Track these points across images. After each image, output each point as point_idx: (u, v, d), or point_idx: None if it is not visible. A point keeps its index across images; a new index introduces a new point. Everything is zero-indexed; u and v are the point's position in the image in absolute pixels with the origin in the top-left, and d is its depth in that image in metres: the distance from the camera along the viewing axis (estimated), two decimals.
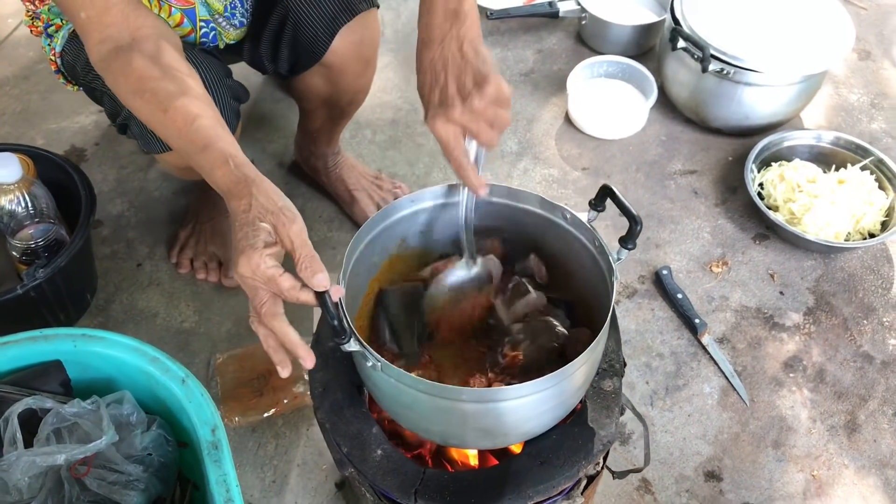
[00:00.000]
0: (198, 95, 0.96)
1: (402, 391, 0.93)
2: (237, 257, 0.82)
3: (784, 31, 1.79)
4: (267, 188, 0.86)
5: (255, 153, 1.85)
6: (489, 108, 0.92)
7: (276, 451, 1.40)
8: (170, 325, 1.55)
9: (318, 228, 1.71)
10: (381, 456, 1.02)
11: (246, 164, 0.89)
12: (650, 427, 1.44)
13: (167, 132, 0.95)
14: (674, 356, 1.53)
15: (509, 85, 0.96)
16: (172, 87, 0.95)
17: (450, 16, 0.97)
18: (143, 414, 1.20)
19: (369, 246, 1.06)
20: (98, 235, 1.68)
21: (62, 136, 1.87)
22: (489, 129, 0.94)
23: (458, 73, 0.95)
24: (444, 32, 0.96)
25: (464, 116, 0.93)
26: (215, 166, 0.88)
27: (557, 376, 0.90)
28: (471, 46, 0.96)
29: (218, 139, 0.90)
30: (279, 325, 0.86)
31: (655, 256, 1.68)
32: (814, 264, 1.68)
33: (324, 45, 1.34)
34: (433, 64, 0.97)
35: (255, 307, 0.86)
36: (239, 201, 0.85)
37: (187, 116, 0.92)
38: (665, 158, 1.88)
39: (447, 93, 0.94)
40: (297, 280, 0.83)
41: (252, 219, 0.83)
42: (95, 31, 0.99)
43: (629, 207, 0.96)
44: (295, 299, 0.83)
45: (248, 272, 0.82)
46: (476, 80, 0.93)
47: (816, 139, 1.80)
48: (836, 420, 1.45)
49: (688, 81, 1.84)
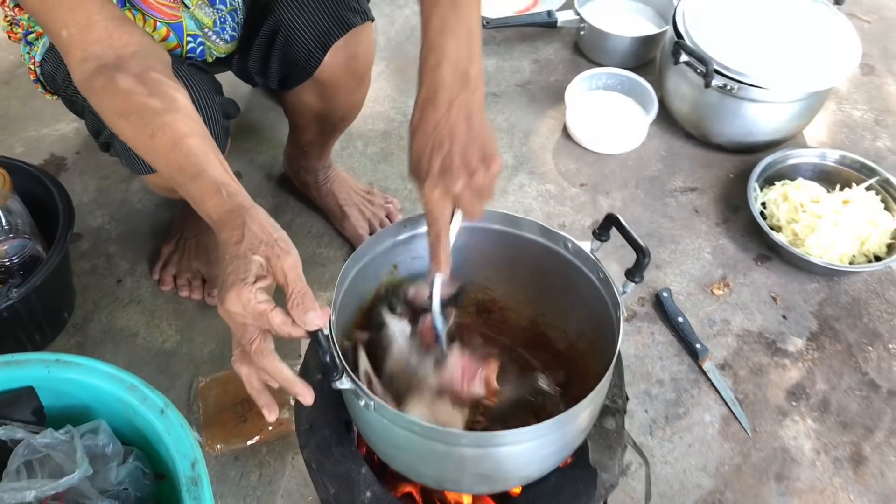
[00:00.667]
0: (186, 112, 0.91)
1: (396, 433, 0.88)
2: (226, 292, 0.77)
3: (788, 45, 1.74)
4: (261, 218, 0.82)
5: (242, 165, 1.79)
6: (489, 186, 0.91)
7: (259, 480, 1.34)
8: (150, 346, 1.49)
9: (306, 244, 1.65)
10: (369, 498, 0.97)
11: (239, 192, 0.85)
12: (649, 458, 1.39)
13: (154, 157, 0.90)
14: (674, 383, 1.48)
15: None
16: (159, 104, 0.90)
17: (459, 79, 0.92)
18: (120, 445, 1.14)
19: (360, 273, 1.00)
20: (77, 250, 1.62)
21: (42, 144, 1.80)
22: (482, 204, 0.93)
23: (465, 144, 0.90)
24: (453, 97, 0.91)
25: (464, 192, 0.90)
26: (206, 196, 0.84)
27: (561, 420, 0.86)
28: (479, 121, 0.91)
29: (209, 165, 0.86)
30: (271, 363, 0.81)
31: (655, 277, 1.63)
32: (817, 287, 1.63)
33: (316, 61, 1.28)
34: (438, 129, 0.91)
35: (242, 345, 0.81)
36: (231, 232, 0.80)
37: (175, 137, 0.87)
38: (665, 175, 1.83)
39: (451, 164, 0.90)
40: (289, 316, 0.78)
41: (244, 251, 0.78)
42: (78, 50, 0.93)
43: (636, 238, 0.91)
44: (287, 335, 0.79)
45: (237, 308, 0.77)
46: (483, 157, 0.90)
47: (821, 157, 1.75)
48: (841, 452, 1.41)
49: (689, 96, 1.79)
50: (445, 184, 0.90)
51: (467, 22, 0.93)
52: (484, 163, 0.90)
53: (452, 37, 0.92)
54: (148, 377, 1.42)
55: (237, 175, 1.68)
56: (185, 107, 0.92)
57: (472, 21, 0.93)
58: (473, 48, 0.93)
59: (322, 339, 0.80)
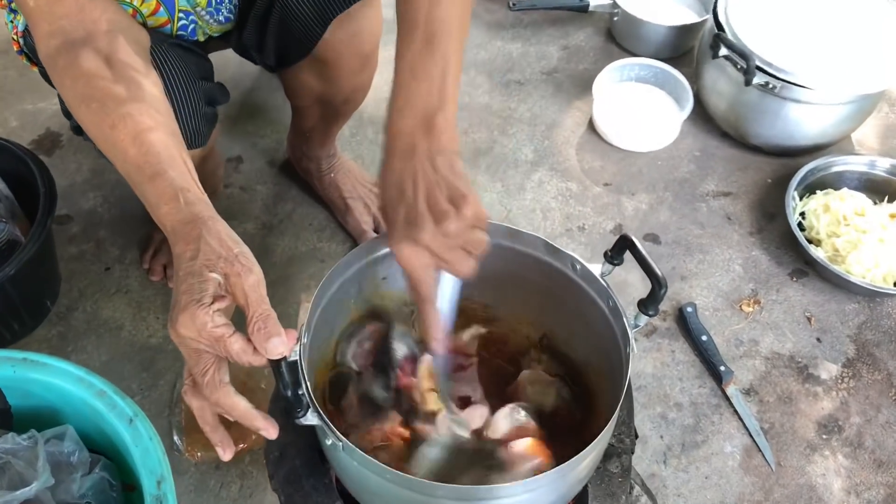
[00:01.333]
0: (153, 104, 0.82)
1: (367, 476, 0.78)
2: (178, 314, 0.68)
3: (838, 42, 1.60)
4: (220, 230, 0.72)
5: (244, 148, 1.69)
6: (465, 232, 0.76)
7: (239, 493, 1.26)
8: (135, 340, 1.40)
9: (307, 237, 1.55)
10: None
11: (199, 200, 0.75)
12: (662, 488, 1.28)
13: (112, 152, 0.80)
14: (693, 407, 1.37)
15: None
16: (124, 91, 0.81)
17: (423, 126, 0.80)
18: (87, 453, 1.07)
19: (342, 288, 0.90)
20: (66, 233, 1.54)
21: (38, 119, 1.72)
22: (465, 256, 0.78)
23: (430, 189, 0.78)
24: (415, 144, 0.80)
25: (435, 241, 0.76)
26: (162, 201, 0.75)
27: (557, 473, 0.76)
28: (446, 162, 0.79)
29: (170, 166, 0.76)
30: (225, 397, 0.72)
31: (680, 290, 1.51)
32: (857, 308, 1.50)
33: (315, 37, 1.17)
34: (400, 177, 0.79)
35: (194, 374, 0.72)
36: (186, 246, 0.71)
37: (137, 131, 0.78)
38: (697, 177, 1.70)
39: (416, 212, 0.77)
40: (250, 342, 0.69)
41: (199, 268, 0.69)
42: (45, 22, 0.84)
43: (653, 266, 0.80)
44: (246, 363, 0.70)
45: (191, 332, 0.68)
46: (452, 199, 0.77)
47: (869, 166, 1.61)
48: (874, 494, 1.28)
49: (728, 93, 1.66)
50: (412, 235, 0.77)
51: (442, 60, 0.82)
52: (454, 204, 0.76)
53: (423, 80, 0.82)
54: (130, 374, 1.36)
55: (238, 159, 1.60)
56: (152, 96, 0.83)
57: (447, 58, 0.82)
58: (446, 89, 0.82)
59: (285, 369, 0.71)
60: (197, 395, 0.73)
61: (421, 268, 0.78)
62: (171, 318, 0.70)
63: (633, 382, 1.38)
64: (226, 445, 0.76)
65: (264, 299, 0.70)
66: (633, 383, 1.37)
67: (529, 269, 0.93)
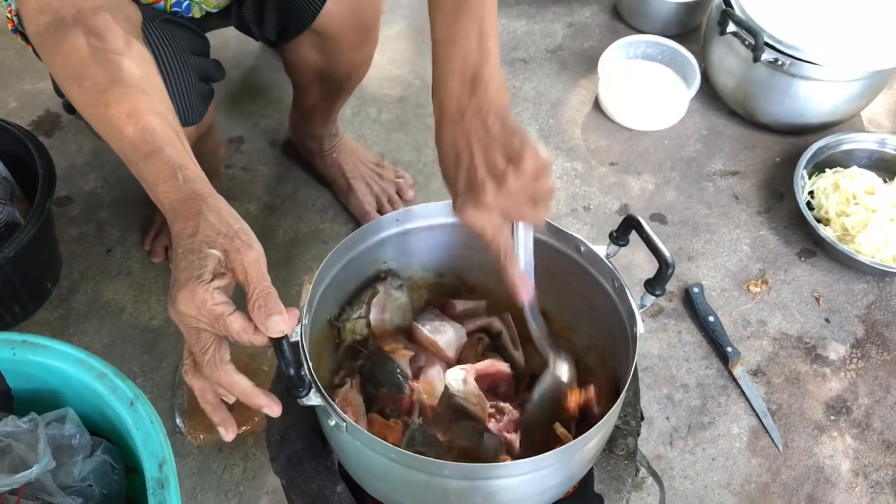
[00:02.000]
0: (148, 82, 0.80)
1: (371, 458, 0.77)
2: (178, 291, 0.66)
3: (849, 17, 1.56)
4: (220, 207, 0.71)
5: (245, 128, 1.67)
6: (529, 186, 0.75)
7: (243, 475, 1.25)
8: (137, 322, 1.39)
9: (309, 218, 1.54)
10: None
11: (198, 178, 0.73)
12: (668, 470, 1.27)
13: (107, 131, 0.78)
14: (700, 388, 1.35)
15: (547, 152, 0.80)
16: (118, 70, 0.79)
17: (468, 84, 0.79)
18: (88, 436, 1.06)
19: (343, 271, 0.88)
20: (66, 215, 1.52)
21: (38, 99, 1.70)
22: (533, 207, 0.77)
23: (486, 150, 0.77)
24: (464, 105, 0.78)
25: (499, 200, 0.76)
26: (160, 179, 0.72)
27: (564, 452, 0.74)
28: (497, 118, 0.77)
29: (167, 144, 0.74)
30: (226, 375, 0.70)
31: (687, 270, 1.49)
32: (866, 288, 1.48)
33: (314, 9, 1.15)
34: (454, 142, 0.78)
35: (194, 353, 0.71)
36: (185, 223, 0.69)
37: (132, 109, 0.76)
38: (704, 156, 1.67)
39: (475, 175, 0.76)
40: (250, 321, 0.67)
41: (199, 244, 0.67)
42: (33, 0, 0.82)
43: (660, 246, 0.78)
44: (247, 342, 0.68)
45: (191, 310, 0.66)
46: (509, 156, 0.76)
47: (880, 144, 1.58)
48: (882, 475, 1.27)
49: (736, 70, 1.63)
50: (475, 199, 0.77)
51: (478, 18, 0.80)
52: (512, 163, 0.75)
53: (461, 41, 0.80)
54: (132, 356, 1.36)
55: (239, 140, 1.58)
56: (148, 75, 0.81)
57: (483, 14, 0.81)
58: (486, 45, 0.80)
59: (286, 347, 0.69)
60: (198, 374, 0.72)
61: (490, 226, 0.77)
62: (171, 295, 0.68)
63: (640, 363, 1.37)
64: (228, 425, 0.75)
65: (265, 276, 0.68)
66: (639, 364, 1.36)
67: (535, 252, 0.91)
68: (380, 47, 1.31)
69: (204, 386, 0.73)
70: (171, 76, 1.02)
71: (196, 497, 1.23)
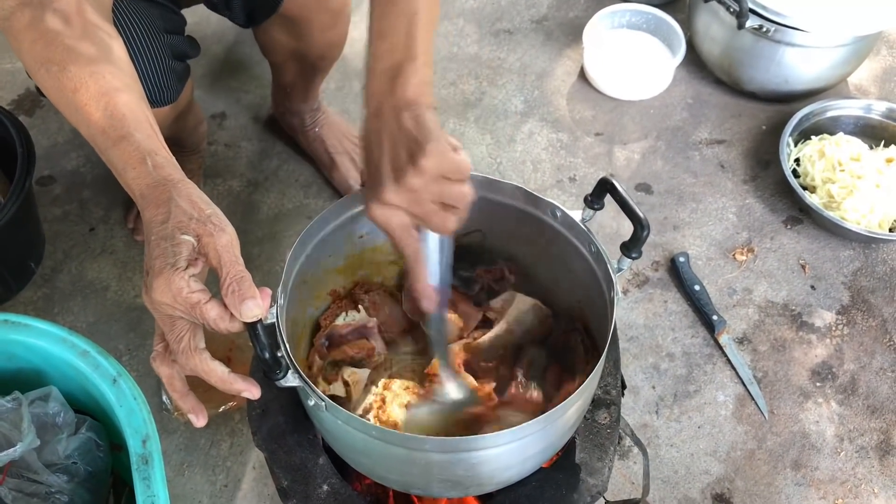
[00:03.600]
0: (118, 65, 0.77)
1: (353, 435, 0.77)
2: (153, 279, 0.65)
3: None
4: (190, 192, 0.69)
5: (228, 104, 1.66)
6: (433, 185, 0.72)
7: (230, 450, 1.25)
8: (121, 300, 1.39)
9: (293, 194, 1.53)
10: (327, 492, 0.87)
11: (168, 163, 0.71)
12: (654, 439, 1.27)
13: (76, 116, 0.76)
14: (686, 357, 1.36)
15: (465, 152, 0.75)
16: (87, 52, 0.76)
17: (389, 80, 0.77)
18: (72, 413, 1.06)
19: (318, 248, 0.88)
20: (49, 194, 1.51)
21: (17, 79, 1.69)
22: (440, 211, 0.74)
23: (393, 146, 0.74)
24: (382, 102, 0.76)
25: (400, 197, 0.73)
26: (129, 165, 0.71)
27: (544, 420, 0.74)
28: (412, 116, 0.74)
29: (136, 129, 0.73)
30: (202, 363, 0.69)
31: (672, 240, 1.49)
32: (852, 255, 1.48)
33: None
34: (368, 137, 0.77)
35: (169, 341, 0.69)
36: (156, 210, 0.68)
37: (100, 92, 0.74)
38: (690, 125, 1.67)
39: (380, 171, 0.74)
40: (226, 308, 0.66)
41: (171, 230, 0.66)
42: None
43: (634, 208, 0.78)
44: (224, 330, 0.67)
45: (167, 298, 0.65)
46: (410, 152, 0.73)
47: (865, 110, 1.57)
48: (867, 440, 1.28)
49: (721, 38, 1.61)
50: (378, 195, 0.74)
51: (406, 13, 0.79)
52: (411, 160, 0.72)
53: (388, 37, 0.79)
54: (117, 334, 1.35)
55: (221, 116, 1.56)
56: (118, 58, 0.79)
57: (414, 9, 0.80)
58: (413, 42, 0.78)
59: (261, 331, 0.68)
60: (165, 362, 0.71)
61: (398, 227, 0.75)
62: (146, 284, 0.67)
63: (625, 333, 1.37)
64: (198, 412, 0.74)
65: (238, 260, 0.67)
66: (625, 334, 1.36)
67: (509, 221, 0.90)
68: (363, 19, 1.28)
69: (171, 374, 0.72)
70: (144, 56, 1.01)
71: (184, 473, 1.23)
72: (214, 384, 0.71)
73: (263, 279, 1.40)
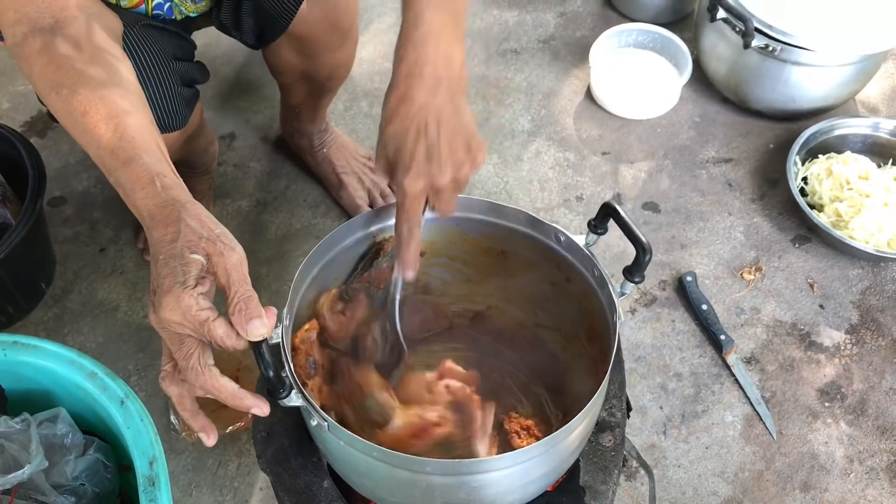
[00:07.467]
0: (127, 87, 0.80)
1: (354, 456, 0.77)
2: (161, 297, 0.66)
3: (838, 1, 1.55)
4: (199, 212, 0.71)
5: (237, 125, 1.67)
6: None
7: (237, 471, 1.25)
8: (131, 321, 1.40)
9: (301, 214, 1.54)
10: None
11: (176, 185, 0.73)
12: (662, 460, 1.27)
13: (85, 139, 0.78)
14: (693, 377, 1.35)
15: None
16: (97, 76, 0.79)
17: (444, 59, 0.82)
18: (80, 435, 1.07)
19: (324, 271, 0.88)
20: (60, 215, 1.53)
21: (30, 100, 1.71)
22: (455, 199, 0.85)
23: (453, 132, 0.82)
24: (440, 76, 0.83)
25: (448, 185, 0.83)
26: (137, 186, 0.72)
27: (547, 443, 0.75)
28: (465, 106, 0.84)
29: (145, 151, 0.74)
30: (212, 380, 0.70)
31: (680, 259, 1.49)
32: (860, 274, 1.47)
33: (290, 14, 1.15)
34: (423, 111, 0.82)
35: (177, 359, 0.70)
36: (165, 230, 0.69)
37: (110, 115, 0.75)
38: (697, 143, 1.67)
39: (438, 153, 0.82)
40: (233, 326, 0.67)
41: (181, 249, 0.67)
42: (9, 10, 0.82)
43: (637, 233, 0.78)
44: (230, 348, 0.68)
45: (176, 316, 0.66)
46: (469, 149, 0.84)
47: (873, 128, 1.57)
48: (877, 461, 1.27)
49: (727, 57, 1.62)
50: (431, 175, 0.79)
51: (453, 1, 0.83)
52: (469, 155, 0.81)
53: (438, 12, 0.81)
54: (127, 354, 1.36)
55: (231, 136, 1.58)
56: (127, 81, 0.81)
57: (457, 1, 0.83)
58: (457, 30, 0.82)
59: (265, 350, 0.69)
60: (175, 381, 0.72)
61: (421, 203, 0.82)
62: (154, 302, 0.68)
63: (632, 353, 1.37)
64: (209, 431, 0.75)
65: (246, 279, 0.68)
66: (632, 354, 1.36)
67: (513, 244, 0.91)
68: (371, 40, 1.31)
69: (181, 393, 0.73)
70: (153, 83, 1.02)
71: (191, 493, 1.24)
72: (224, 400, 0.72)
73: (271, 299, 1.40)
